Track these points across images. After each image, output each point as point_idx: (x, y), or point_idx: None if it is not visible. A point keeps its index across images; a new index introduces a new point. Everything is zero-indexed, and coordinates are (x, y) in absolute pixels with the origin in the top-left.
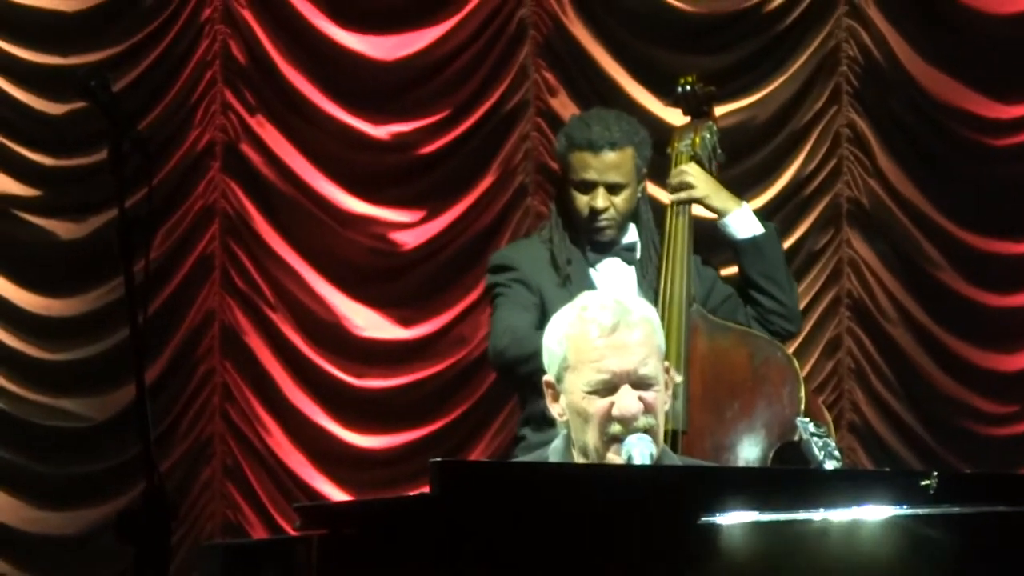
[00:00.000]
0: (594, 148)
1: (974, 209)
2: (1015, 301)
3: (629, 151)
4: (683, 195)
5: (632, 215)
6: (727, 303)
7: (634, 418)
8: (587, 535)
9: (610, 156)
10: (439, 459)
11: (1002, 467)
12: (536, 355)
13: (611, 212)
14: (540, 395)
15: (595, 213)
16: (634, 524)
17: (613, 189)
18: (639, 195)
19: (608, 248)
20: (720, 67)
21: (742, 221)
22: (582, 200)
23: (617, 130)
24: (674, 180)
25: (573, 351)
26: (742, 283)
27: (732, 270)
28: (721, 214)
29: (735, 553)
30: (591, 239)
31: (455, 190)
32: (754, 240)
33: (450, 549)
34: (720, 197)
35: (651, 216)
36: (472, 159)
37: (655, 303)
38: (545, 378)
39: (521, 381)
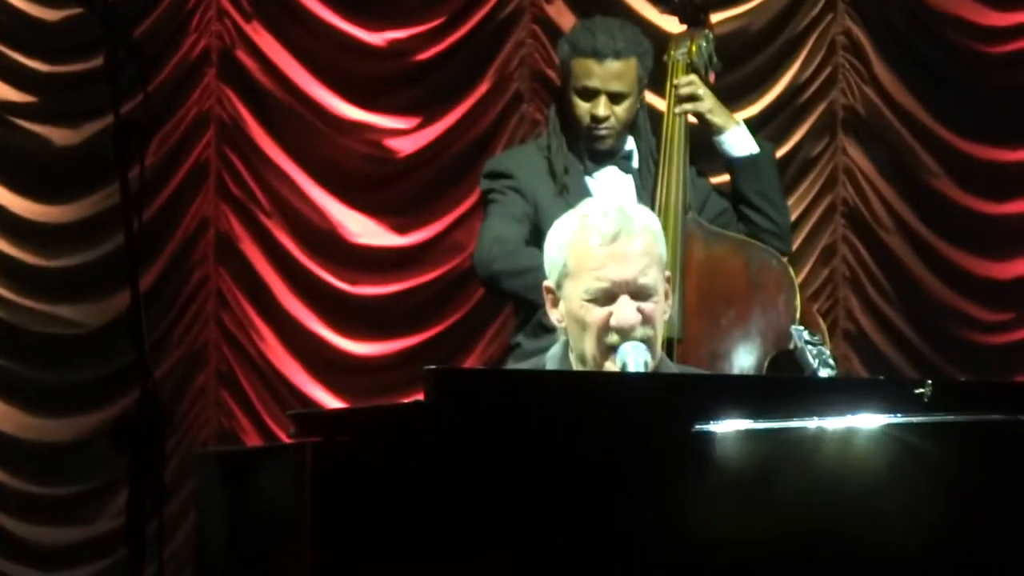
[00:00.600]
0: (599, 56)
1: (970, 117)
2: (1010, 208)
3: (633, 61)
4: (689, 107)
5: (631, 124)
6: (721, 217)
7: (631, 329)
8: (581, 443)
9: (614, 65)
10: (433, 366)
11: (997, 375)
12: (523, 271)
13: (612, 121)
14: (536, 304)
15: (596, 121)
16: (629, 432)
17: (615, 98)
18: (638, 105)
19: (607, 157)
20: None
21: (739, 139)
22: (583, 107)
23: (622, 39)
24: (683, 90)
25: (573, 258)
26: (735, 201)
27: (724, 178)
28: (720, 131)
29: (730, 461)
30: (590, 147)
31: (451, 97)
32: (752, 158)
33: (444, 456)
34: (722, 114)
35: (649, 125)
36: (468, 66)
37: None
38: (545, 283)
39: (504, 295)
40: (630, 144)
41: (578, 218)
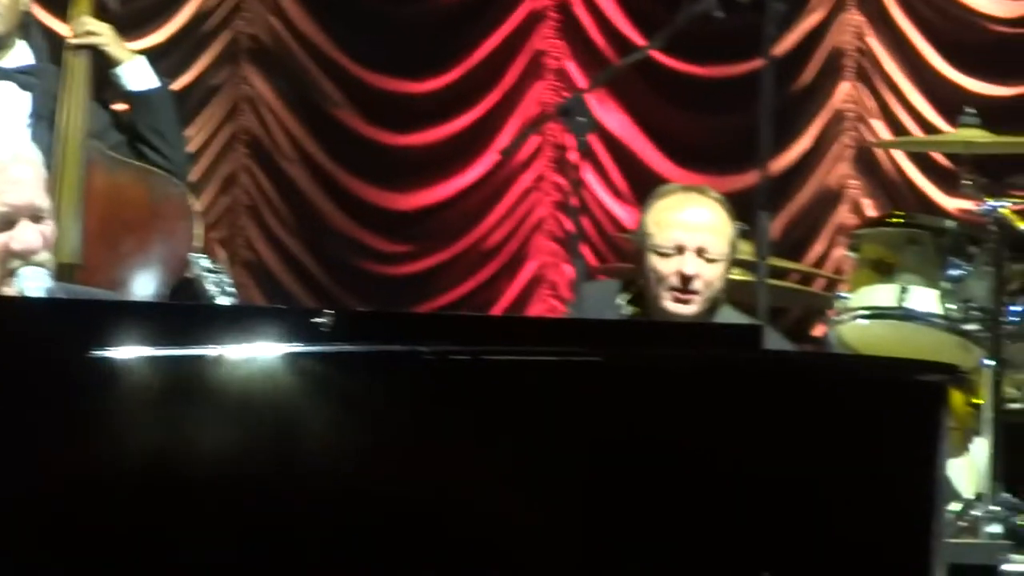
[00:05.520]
0: None
1: (375, 47)
2: (413, 140)
3: None
4: (86, 40)
5: (20, 29)
6: (116, 150)
7: (35, 252)
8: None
9: None
10: None
11: (398, 306)
12: None
13: None
14: None
15: None
16: (19, 356)
17: None
18: (23, 8)
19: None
20: None
21: (136, 73)
22: None
23: None
24: (78, 30)
25: None
26: (131, 135)
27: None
28: (116, 63)
29: (128, 388)
30: None
31: None
32: (145, 94)
33: None
34: (118, 48)
35: (44, 41)
36: None
37: (52, 135)
38: None
39: None
40: (26, 56)
41: None
